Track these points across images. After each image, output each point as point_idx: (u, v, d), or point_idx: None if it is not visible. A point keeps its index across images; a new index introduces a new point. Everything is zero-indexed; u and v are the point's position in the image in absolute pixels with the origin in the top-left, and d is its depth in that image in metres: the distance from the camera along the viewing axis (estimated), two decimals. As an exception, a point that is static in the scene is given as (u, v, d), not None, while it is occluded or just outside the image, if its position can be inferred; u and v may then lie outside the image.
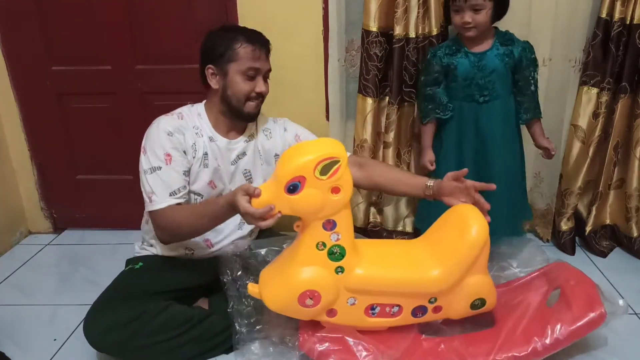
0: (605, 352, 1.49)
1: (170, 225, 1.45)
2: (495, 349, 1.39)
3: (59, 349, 1.61)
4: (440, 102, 1.81)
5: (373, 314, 1.38)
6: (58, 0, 2.03)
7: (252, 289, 1.35)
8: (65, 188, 2.34)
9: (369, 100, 1.99)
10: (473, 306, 1.42)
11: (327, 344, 1.38)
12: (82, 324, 1.46)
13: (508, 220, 1.87)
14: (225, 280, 1.49)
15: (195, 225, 1.44)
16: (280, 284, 1.32)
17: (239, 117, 1.58)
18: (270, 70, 1.58)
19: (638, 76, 1.91)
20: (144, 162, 1.48)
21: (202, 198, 1.57)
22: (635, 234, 2.04)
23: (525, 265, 1.67)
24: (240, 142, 1.62)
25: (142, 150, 1.50)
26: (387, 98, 2.00)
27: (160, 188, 1.45)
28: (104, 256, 2.16)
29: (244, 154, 1.63)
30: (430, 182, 1.49)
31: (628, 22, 1.84)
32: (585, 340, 1.45)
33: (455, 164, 1.81)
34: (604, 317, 1.39)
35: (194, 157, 1.53)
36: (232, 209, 1.30)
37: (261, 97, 1.57)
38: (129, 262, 1.66)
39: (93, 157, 2.28)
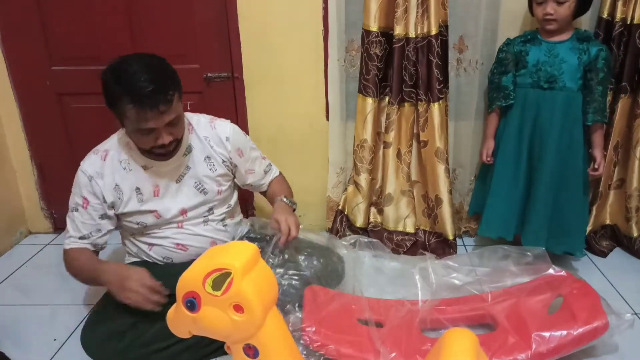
0: (605, 352, 1.49)
1: (71, 266, 1.53)
2: (496, 353, 1.39)
3: (59, 349, 1.61)
4: (504, 89, 1.84)
5: None
6: (58, 0, 2.03)
7: None
8: (65, 188, 2.31)
9: (369, 100, 1.99)
10: None
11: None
12: (81, 324, 1.46)
13: (558, 233, 1.87)
14: None
15: (84, 279, 1.55)
16: None
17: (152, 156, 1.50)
18: (176, 117, 1.39)
19: (638, 76, 1.91)
20: (70, 200, 1.55)
21: (157, 229, 1.57)
22: (635, 234, 2.04)
23: (528, 271, 1.66)
24: (178, 159, 1.53)
25: None
26: (387, 98, 2.00)
27: (73, 231, 1.53)
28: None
29: (187, 167, 1.56)
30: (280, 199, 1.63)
31: (629, 22, 1.84)
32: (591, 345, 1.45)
33: (513, 156, 1.88)
34: (607, 327, 1.39)
35: (120, 199, 1.50)
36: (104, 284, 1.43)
37: (168, 145, 1.42)
38: None
39: (93, 157, 2.27)
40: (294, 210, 1.66)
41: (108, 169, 1.49)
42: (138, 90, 1.30)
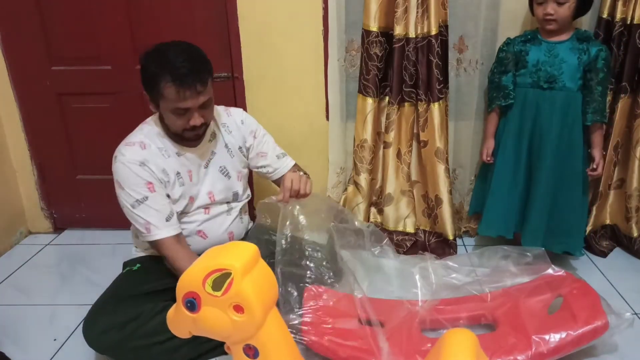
0: (605, 352, 1.49)
1: (173, 260, 1.50)
2: (495, 353, 1.39)
3: (59, 349, 1.61)
4: (504, 89, 1.85)
5: None
6: (58, 0, 2.03)
7: None
8: (65, 188, 2.34)
9: (369, 100, 1.99)
10: None
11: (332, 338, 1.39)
12: (82, 324, 1.46)
13: (557, 232, 1.87)
14: None
15: None
16: None
17: (183, 142, 1.57)
18: (209, 99, 1.49)
19: (638, 76, 1.91)
20: (126, 198, 1.50)
21: (186, 215, 1.60)
22: (635, 234, 2.04)
23: (528, 271, 1.66)
24: (205, 145, 1.62)
25: (116, 185, 1.52)
26: (387, 98, 2.00)
27: (154, 217, 1.49)
28: (104, 256, 2.16)
29: (213, 153, 1.64)
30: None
31: (629, 22, 1.84)
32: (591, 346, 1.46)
33: (513, 156, 1.88)
34: (607, 327, 1.39)
35: (168, 182, 1.54)
36: None
37: (199, 128, 1.51)
38: (126, 264, 1.67)
39: (93, 157, 2.27)
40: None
41: (149, 155, 1.52)
42: (178, 69, 1.40)
